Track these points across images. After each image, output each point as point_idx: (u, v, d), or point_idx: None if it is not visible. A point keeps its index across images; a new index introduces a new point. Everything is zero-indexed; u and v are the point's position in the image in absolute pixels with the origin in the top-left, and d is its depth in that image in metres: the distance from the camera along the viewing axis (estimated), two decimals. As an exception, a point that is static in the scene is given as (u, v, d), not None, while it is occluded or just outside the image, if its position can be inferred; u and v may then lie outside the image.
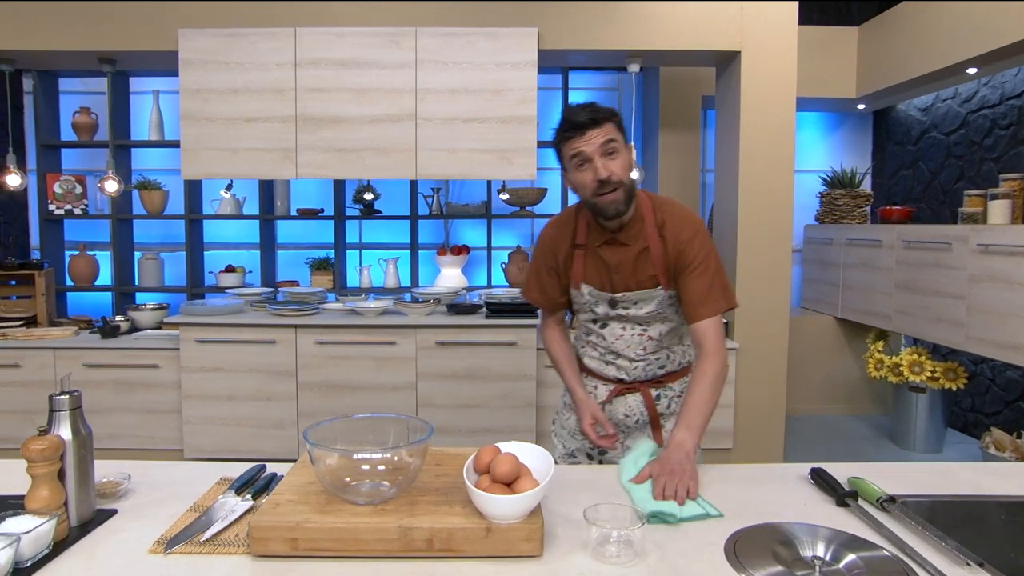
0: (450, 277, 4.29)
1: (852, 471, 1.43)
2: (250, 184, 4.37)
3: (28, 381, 3.43)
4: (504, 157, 3.48)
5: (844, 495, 1.30)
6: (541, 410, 3.44)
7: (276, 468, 1.45)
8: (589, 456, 1.80)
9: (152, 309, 3.82)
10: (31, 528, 1.05)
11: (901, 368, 3.84)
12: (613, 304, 1.67)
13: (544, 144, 3.71)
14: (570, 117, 1.53)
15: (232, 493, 1.31)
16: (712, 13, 3.43)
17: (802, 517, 1.24)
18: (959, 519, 1.33)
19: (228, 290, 4.02)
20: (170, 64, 3.58)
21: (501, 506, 1.09)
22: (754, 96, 3.46)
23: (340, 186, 4.35)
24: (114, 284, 4.27)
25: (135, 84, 4.38)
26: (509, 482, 1.14)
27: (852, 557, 1.09)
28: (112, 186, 3.72)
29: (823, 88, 4.45)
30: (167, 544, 1.12)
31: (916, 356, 3.80)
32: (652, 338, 1.69)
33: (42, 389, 3.40)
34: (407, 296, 3.86)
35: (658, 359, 1.73)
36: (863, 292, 4.14)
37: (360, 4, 3.50)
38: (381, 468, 1.19)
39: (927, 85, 4.07)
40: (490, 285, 4.50)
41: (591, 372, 1.79)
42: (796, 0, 3.43)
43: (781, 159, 3.47)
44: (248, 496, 1.30)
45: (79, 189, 4.21)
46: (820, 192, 4.66)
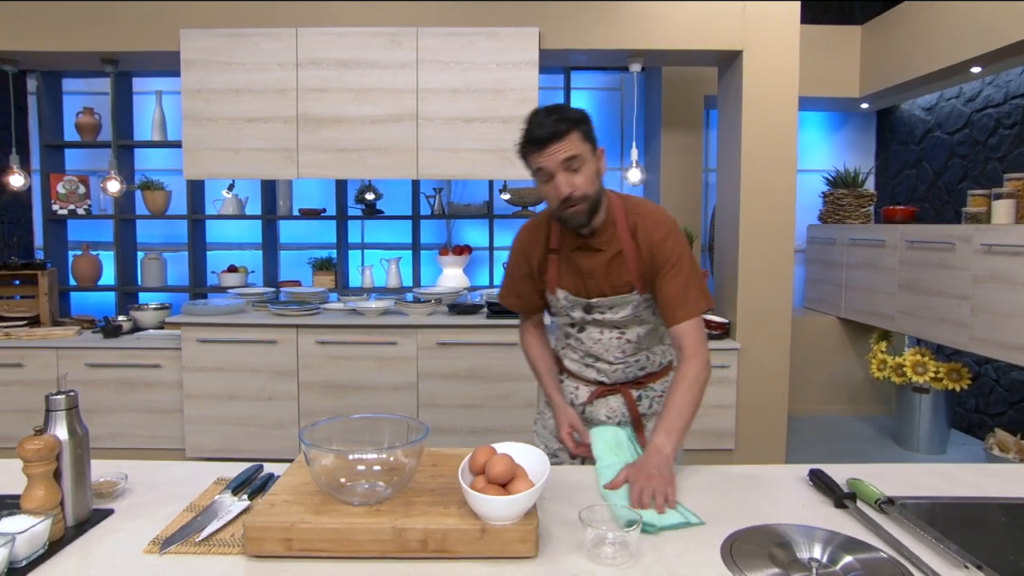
0: (452, 277, 4.29)
1: (851, 472, 1.43)
2: (252, 184, 4.39)
3: (31, 380, 3.45)
4: (505, 157, 3.47)
5: (842, 497, 1.29)
6: (542, 410, 3.44)
7: (277, 468, 1.45)
8: (572, 456, 1.78)
9: (154, 309, 3.83)
10: (26, 528, 1.06)
11: (904, 369, 3.82)
12: (588, 309, 1.65)
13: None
14: (531, 131, 1.48)
15: (228, 493, 1.31)
16: (714, 12, 3.42)
17: (800, 519, 1.23)
18: (959, 521, 1.32)
19: (230, 290, 4.03)
20: (172, 64, 3.59)
21: (496, 507, 1.08)
22: (756, 96, 3.45)
23: (342, 186, 4.36)
24: (117, 284, 4.28)
25: (138, 84, 4.39)
26: (504, 483, 1.13)
27: (849, 559, 1.09)
28: (115, 186, 3.74)
29: (826, 87, 4.43)
30: (163, 544, 1.13)
31: (919, 357, 3.78)
32: (630, 341, 1.68)
33: (45, 389, 3.36)
34: (409, 296, 3.87)
35: (637, 361, 1.71)
36: (866, 292, 4.12)
37: (361, 4, 3.50)
38: (377, 468, 1.19)
39: (931, 84, 4.05)
40: (492, 285, 4.50)
41: (572, 374, 1.78)
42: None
43: (783, 159, 3.46)
44: (244, 496, 1.30)
45: (82, 189, 4.22)
46: (823, 192, 4.65)
